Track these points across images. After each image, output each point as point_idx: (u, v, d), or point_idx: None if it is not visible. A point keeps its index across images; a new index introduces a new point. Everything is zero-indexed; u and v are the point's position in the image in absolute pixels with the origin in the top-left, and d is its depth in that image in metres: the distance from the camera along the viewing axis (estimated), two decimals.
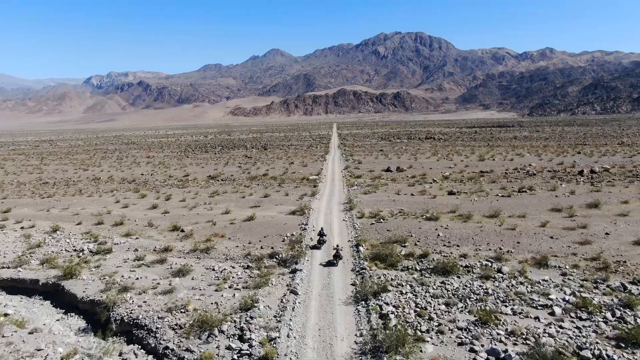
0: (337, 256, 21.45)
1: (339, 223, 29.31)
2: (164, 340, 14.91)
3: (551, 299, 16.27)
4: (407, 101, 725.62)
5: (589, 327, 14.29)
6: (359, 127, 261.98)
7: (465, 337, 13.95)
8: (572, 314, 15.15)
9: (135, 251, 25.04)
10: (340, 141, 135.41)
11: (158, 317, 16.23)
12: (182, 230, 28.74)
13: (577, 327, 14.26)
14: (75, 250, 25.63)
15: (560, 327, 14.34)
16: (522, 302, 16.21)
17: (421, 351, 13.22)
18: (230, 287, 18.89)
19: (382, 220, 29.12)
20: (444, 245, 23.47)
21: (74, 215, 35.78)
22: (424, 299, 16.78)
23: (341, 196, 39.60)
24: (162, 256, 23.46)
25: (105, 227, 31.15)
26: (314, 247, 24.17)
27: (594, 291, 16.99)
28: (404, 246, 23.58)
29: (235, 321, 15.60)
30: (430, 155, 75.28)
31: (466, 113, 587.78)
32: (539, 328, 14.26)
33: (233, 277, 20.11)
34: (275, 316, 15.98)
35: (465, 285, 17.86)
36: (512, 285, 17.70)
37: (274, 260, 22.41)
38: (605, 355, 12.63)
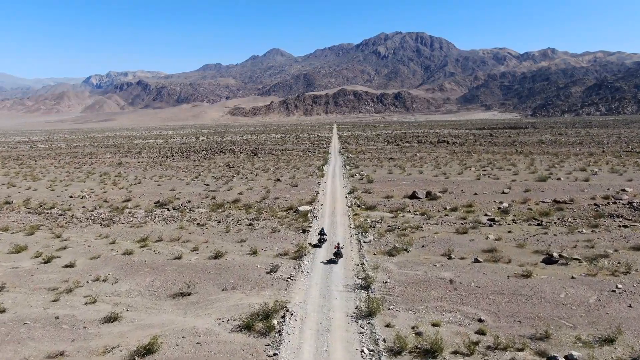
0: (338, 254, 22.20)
1: None
2: None
3: None
4: (408, 101, 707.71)
5: None
6: (361, 128, 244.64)
7: None
8: None
9: None
10: (342, 145, 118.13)
11: None
12: None
13: None
14: None
15: None
16: None
17: None
18: None
19: None
20: None
21: None
22: None
23: (348, 261, 22.35)
24: None
25: None
26: (314, 246, 25.03)
27: None
28: None
29: None
30: (461, 169, 57.78)
31: (468, 114, 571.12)
32: None
33: None
34: None
35: None
36: None
37: None
38: None
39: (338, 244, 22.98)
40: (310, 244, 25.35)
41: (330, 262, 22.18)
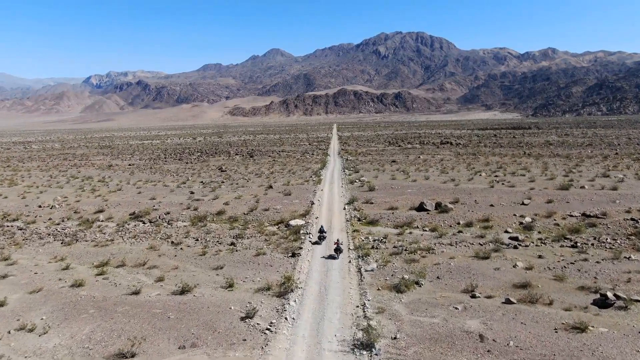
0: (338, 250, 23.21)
1: None
2: None
3: None
4: (408, 101, 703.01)
5: None
6: (361, 129, 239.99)
7: None
8: None
9: None
10: (341, 146, 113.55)
11: None
12: None
13: None
14: None
15: None
16: None
17: None
18: None
19: None
20: None
21: None
22: None
23: (345, 300, 17.84)
24: None
25: None
26: (315, 243, 25.92)
27: None
28: None
29: None
30: (471, 174, 53.12)
31: (469, 114, 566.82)
32: None
33: None
34: None
35: None
36: None
37: None
38: None
39: (338, 240, 24.02)
40: (310, 241, 26.36)
41: (330, 257, 23.32)
